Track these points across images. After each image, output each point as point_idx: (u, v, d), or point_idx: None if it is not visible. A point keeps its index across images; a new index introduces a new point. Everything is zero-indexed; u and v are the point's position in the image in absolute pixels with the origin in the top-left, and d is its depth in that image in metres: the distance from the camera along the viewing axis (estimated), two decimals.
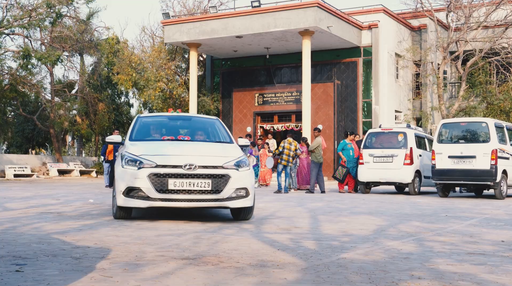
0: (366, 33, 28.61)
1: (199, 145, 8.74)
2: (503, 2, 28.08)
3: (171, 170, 7.56)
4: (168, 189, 7.52)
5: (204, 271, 4.18)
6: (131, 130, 9.07)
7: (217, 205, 7.76)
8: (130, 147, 8.20)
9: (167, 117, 9.96)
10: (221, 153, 8.18)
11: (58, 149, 35.23)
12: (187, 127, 9.78)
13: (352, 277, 4.02)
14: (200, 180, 7.58)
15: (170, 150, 8.09)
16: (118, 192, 7.76)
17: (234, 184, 7.74)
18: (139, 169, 7.61)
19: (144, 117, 9.59)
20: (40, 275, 3.97)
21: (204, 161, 7.74)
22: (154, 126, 9.52)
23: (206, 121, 9.91)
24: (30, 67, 30.00)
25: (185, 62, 33.72)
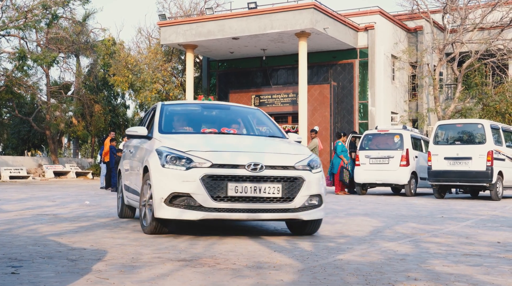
0: (362, 35, 28.66)
1: (256, 139, 7.17)
2: (499, 4, 28.16)
3: (231, 171, 6.01)
4: (227, 195, 5.95)
5: (200, 273, 4.18)
6: (158, 120, 7.31)
7: (287, 217, 6.23)
8: (166, 141, 6.57)
9: (199, 106, 8.31)
10: (287, 150, 6.66)
11: (54, 150, 35.16)
12: (226, 118, 8.01)
13: (349, 278, 4.02)
14: (268, 184, 6.05)
15: (224, 145, 6.51)
16: (158, 200, 6.12)
17: (308, 190, 6.26)
18: (188, 169, 6.03)
19: (170, 105, 7.87)
20: (36, 277, 3.96)
21: (271, 160, 6.23)
22: (185, 117, 7.93)
23: (247, 111, 8.27)
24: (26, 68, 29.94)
25: (182, 63, 33.72)
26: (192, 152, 6.20)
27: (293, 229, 6.90)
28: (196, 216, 6.00)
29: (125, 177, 8.48)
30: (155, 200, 6.16)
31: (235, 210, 6.01)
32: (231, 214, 6.02)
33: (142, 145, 7.38)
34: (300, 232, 6.77)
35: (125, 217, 8.60)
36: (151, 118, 7.90)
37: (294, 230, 6.88)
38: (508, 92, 28.30)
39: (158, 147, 6.49)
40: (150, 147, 6.80)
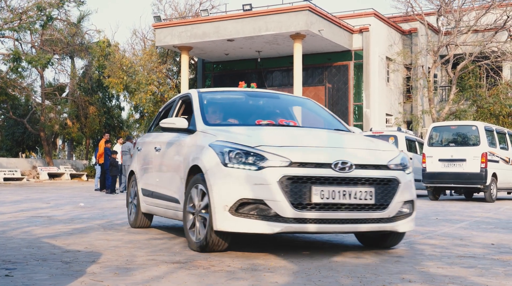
0: (357, 37, 28.71)
1: (327, 133, 6.02)
2: (493, 6, 28.26)
3: (316, 171, 4.89)
4: (311, 202, 4.84)
5: (195, 275, 4.18)
6: (200, 110, 6.15)
7: (382, 228, 5.19)
8: (222, 134, 5.41)
9: (243, 94, 6.99)
10: (371, 145, 5.58)
11: (48, 152, 35.09)
12: (276, 109, 6.91)
13: (343, 280, 4.02)
14: (359, 187, 4.98)
15: (296, 139, 5.39)
16: (220, 208, 4.95)
17: (402, 195, 5.22)
18: (261, 169, 4.87)
19: (208, 93, 6.69)
20: (30, 280, 3.95)
21: (360, 157, 5.16)
22: (229, 106, 6.81)
23: (299, 101, 7.32)
24: (20, 70, 29.90)
25: (177, 65, 33.70)
26: (263, 147, 5.02)
27: (367, 241, 5.90)
28: (273, 229, 4.83)
29: (143, 180, 7.27)
30: (216, 208, 4.97)
31: (321, 221, 4.90)
32: (317, 225, 4.90)
33: (180, 140, 6.14)
34: (377, 245, 5.75)
35: (140, 226, 7.45)
36: (177, 110, 6.92)
37: (368, 242, 5.87)
38: (502, 94, 28.40)
39: (212, 141, 5.32)
40: (197, 142, 5.64)
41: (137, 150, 7.81)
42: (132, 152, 19.31)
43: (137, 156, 7.77)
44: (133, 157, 8.08)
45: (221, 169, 5.03)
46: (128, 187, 8.02)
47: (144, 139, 7.68)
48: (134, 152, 8.11)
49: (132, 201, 7.74)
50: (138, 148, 7.80)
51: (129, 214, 7.82)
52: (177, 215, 6.04)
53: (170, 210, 6.31)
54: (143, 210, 7.24)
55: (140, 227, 7.43)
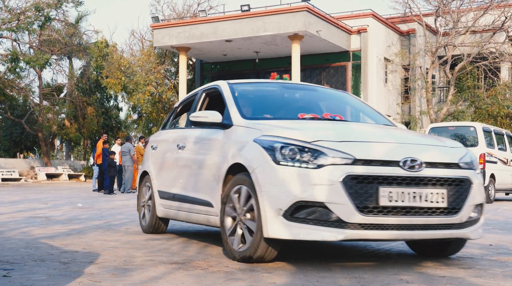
0: (355, 38, 28.73)
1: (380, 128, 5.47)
2: (491, 7, 28.30)
3: (382, 170, 4.35)
4: (378, 205, 4.29)
5: (193, 276, 4.17)
6: (235, 103, 5.59)
7: (453, 235, 4.64)
8: (269, 129, 4.85)
9: (277, 86, 6.38)
10: (436, 141, 5.03)
11: (46, 152, 35.06)
12: (316, 102, 6.33)
13: (341, 281, 4.02)
14: (430, 188, 4.43)
15: (354, 134, 4.81)
16: (271, 212, 4.38)
17: (473, 198, 4.67)
18: (321, 168, 4.32)
19: (239, 84, 6.09)
20: (27, 280, 3.95)
21: (428, 154, 4.61)
22: (264, 99, 6.24)
23: (338, 94, 6.64)
24: (18, 70, 29.89)
25: (175, 66, 33.70)
26: (321, 142, 4.45)
27: (421, 249, 5.32)
28: (335, 236, 4.27)
29: (161, 181, 6.70)
30: (267, 212, 4.39)
31: (390, 227, 4.33)
32: (386, 232, 4.34)
33: (211, 135, 5.58)
34: (433, 253, 5.22)
35: (155, 231, 6.89)
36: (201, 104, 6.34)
37: (422, 250, 5.30)
38: (500, 95, 28.43)
39: (257, 136, 4.77)
40: (237, 138, 5.10)
41: (151, 148, 7.17)
42: (132, 153, 19.36)
43: (151, 155, 7.12)
44: (145, 156, 7.39)
45: (272, 167, 4.45)
46: (140, 189, 7.36)
47: (160, 137, 7.10)
48: (147, 150, 7.41)
49: (145, 204, 7.13)
50: (152, 146, 7.18)
51: (141, 218, 7.19)
52: (208, 220, 5.48)
53: (199, 215, 5.71)
54: (160, 214, 6.67)
55: (155, 233, 6.89)
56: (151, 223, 6.86)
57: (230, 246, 4.85)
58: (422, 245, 5.27)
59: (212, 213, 5.36)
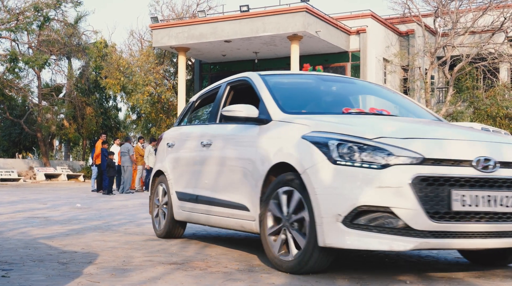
0: (354, 38, 28.74)
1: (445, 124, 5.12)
2: (490, 8, 28.32)
3: (454, 170, 3.90)
4: (450, 210, 3.83)
5: (192, 276, 4.17)
6: (271, 96, 5.07)
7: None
8: (320, 123, 4.42)
9: (313, 78, 5.88)
10: (500, 138, 4.57)
11: (45, 153, 35.05)
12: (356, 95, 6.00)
13: (340, 281, 4.02)
14: (505, 191, 3.97)
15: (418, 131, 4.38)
16: (328, 218, 3.93)
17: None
18: (385, 168, 3.86)
19: (271, 76, 5.55)
20: (26, 280, 3.94)
21: (500, 153, 4.16)
22: (301, 92, 5.69)
23: (376, 87, 6.14)
24: (17, 70, 29.89)
25: (174, 66, 33.70)
26: (384, 139, 4.00)
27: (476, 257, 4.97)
28: (404, 245, 3.83)
29: (180, 181, 6.21)
30: (324, 218, 3.94)
31: (464, 235, 3.89)
32: (460, 241, 3.90)
33: (245, 132, 5.12)
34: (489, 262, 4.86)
35: (172, 236, 6.46)
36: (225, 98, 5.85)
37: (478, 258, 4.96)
38: (499, 95, 28.44)
39: (306, 132, 4.31)
40: (279, 134, 4.65)
41: (167, 146, 6.67)
42: (131, 153, 19.35)
43: (167, 153, 6.62)
44: (159, 155, 6.90)
45: (328, 167, 4.00)
46: (153, 189, 6.88)
47: (178, 133, 6.62)
48: (160, 148, 6.91)
49: (159, 206, 6.64)
50: (168, 143, 6.67)
51: (154, 221, 6.75)
52: (242, 225, 5.00)
53: (230, 219, 5.20)
54: (178, 217, 6.20)
55: (171, 237, 6.44)
56: (168, 226, 6.36)
57: (274, 254, 4.40)
58: (479, 253, 4.89)
59: (247, 217, 4.87)
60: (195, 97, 6.90)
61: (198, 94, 6.83)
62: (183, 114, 6.97)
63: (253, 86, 5.37)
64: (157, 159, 6.98)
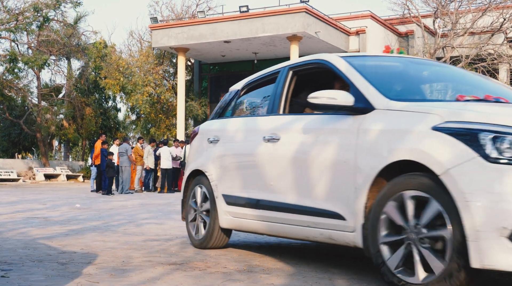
0: (353, 39, 28.75)
1: None
2: (490, 9, 28.34)
3: None
4: None
5: (191, 276, 4.17)
6: (366, 80, 4.28)
7: None
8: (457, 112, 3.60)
9: (401, 61, 5.14)
10: None
11: (44, 153, 35.04)
12: (460, 81, 5.08)
13: (340, 282, 4.02)
14: None
15: None
16: (489, 230, 3.17)
17: None
18: None
19: (353, 58, 4.77)
20: (25, 281, 3.94)
21: None
22: (396, 76, 4.83)
23: (469, 74, 5.31)
24: (16, 71, 29.86)
25: (173, 67, 33.69)
26: None
27: None
28: None
29: (230, 183, 5.39)
30: (479, 232, 3.19)
31: None
32: None
33: (333, 124, 4.34)
34: None
35: (215, 246, 5.63)
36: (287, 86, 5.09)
37: None
38: None
39: (438, 123, 3.56)
40: (389, 125, 3.89)
41: (208, 141, 5.86)
42: (129, 153, 19.34)
43: (208, 149, 5.81)
44: (196, 151, 6.09)
45: (482, 166, 3.24)
46: (188, 192, 6.07)
47: (224, 127, 5.78)
48: (198, 144, 6.08)
49: (198, 211, 5.80)
50: (209, 138, 5.85)
51: (191, 229, 5.88)
52: (330, 236, 4.24)
53: (310, 228, 4.42)
54: (225, 224, 5.41)
55: (214, 247, 5.63)
56: (211, 235, 5.53)
57: (390, 268, 3.66)
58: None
59: (341, 227, 4.11)
60: (239, 85, 6.02)
61: (243, 82, 5.95)
62: (225, 104, 6.10)
63: (336, 70, 4.59)
64: (193, 157, 6.11)
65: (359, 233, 3.94)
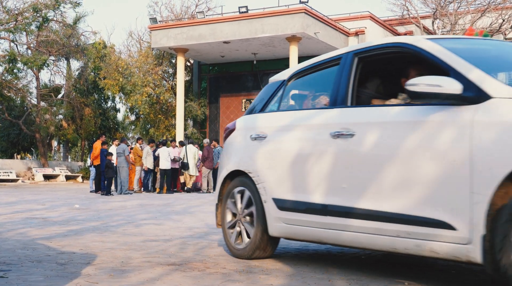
0: (353, 40, 28.76)
1: None
2: (488, 10, 28.36)
3: None
4: None
5: (190, 277, 4.17)
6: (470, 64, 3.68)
7: None
8: None
9: (494, 45, 4.48)
10: None
11: (43, 153, 35.02)
12: None
13: (339, 283, 4.02)
14: None
15: None
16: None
17: None
18: None
19: (440, 41, 4.11)
20: (24, 281, 3.94)
21: None
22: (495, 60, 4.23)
23: None
24: (16, 71, 29.86)
25: (172, 67, 33.69)
26: None
27: None
28: None
29: (286, 184, 4.71)
30: None
31: None
32: None
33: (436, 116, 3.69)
34: None
35: (261, 256, 4.98)
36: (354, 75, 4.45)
37: None
38: None
39: None
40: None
41: (251, 138, 5.18)
42: (126, 153, 19.31)
43: (253, 147, 5.13)
44: (235, 151, 5.39)
45: None
46: (221, 196, 5.41)
47: (271, 121, 5.10)
48: (236, 142, 5.41)
49: (238, 217, 5.14)
50: (252, 135, 5.17)
51: (229, 236, 5.21)
52: (431, 248, 3.61)
53: (403, 239, 3.81)
54: (276, 232, 4.77)
55: (260, 257, 5.00)
56: (256, 243, 4.89)
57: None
58: None
59: (450, 238, 3.49)
60: (284, 75, 5.34)
61: (289, 72, 5.28)
62: (268, 97, 5.39)
63: (427, 54, 3.94)
64: (229, 156, 5.43)
65: (477, 245, 3.32)
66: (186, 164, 20.30)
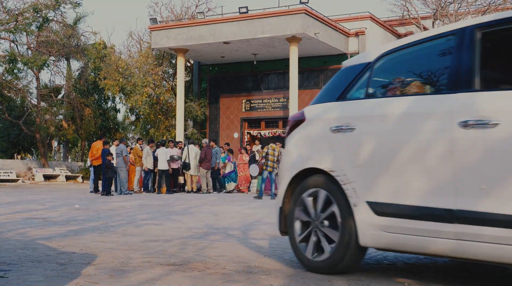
0: (353, 40, 28.77)
1: None
2: (489, 10, 28.37)
3: None
4: None
5: (190, 277, 4.17)
6: None
7: None
8: None
9: None
10: None
11: (44, 154, 35.03)
12: None
13: (339, 283, 4.02)
14: None
15: None
16: None
17: None
18: None
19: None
20: (24, 281, 3.94)
21: None
22: None
23: None
24: (16, 71, 29.85)
25: (172, 67, 33.70)
26: None
27: None
28: None
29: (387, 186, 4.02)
30: None
31: None
32: None
33: None
34: None
35: (344, 270, 4.30)
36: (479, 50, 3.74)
37: None
38: None
39: None
40: None
41: (332, 131, 4.46)
42: (124, 154, 19.30)
43: (334, 141, 4.42)
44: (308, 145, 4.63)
45: None
46: (287, 198, 4.72)
47: (362, 110, 4.33)
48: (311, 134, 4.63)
49: (314, 224, 4.44)
50: (333, 127, 4.44)
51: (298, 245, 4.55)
52: None
53: None
54: (371, 241, 4.09)
55: (343, 272, 4.31)
56: (339, 255, 4.21)
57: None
58: None
59: None
60: (369, 57, 4.56)
61: (377, 52, 4.53)
62: (347, 83, 4.59)
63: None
64: (298, 152, 4.70)
65: None
66: (188, 164, 20.29)
